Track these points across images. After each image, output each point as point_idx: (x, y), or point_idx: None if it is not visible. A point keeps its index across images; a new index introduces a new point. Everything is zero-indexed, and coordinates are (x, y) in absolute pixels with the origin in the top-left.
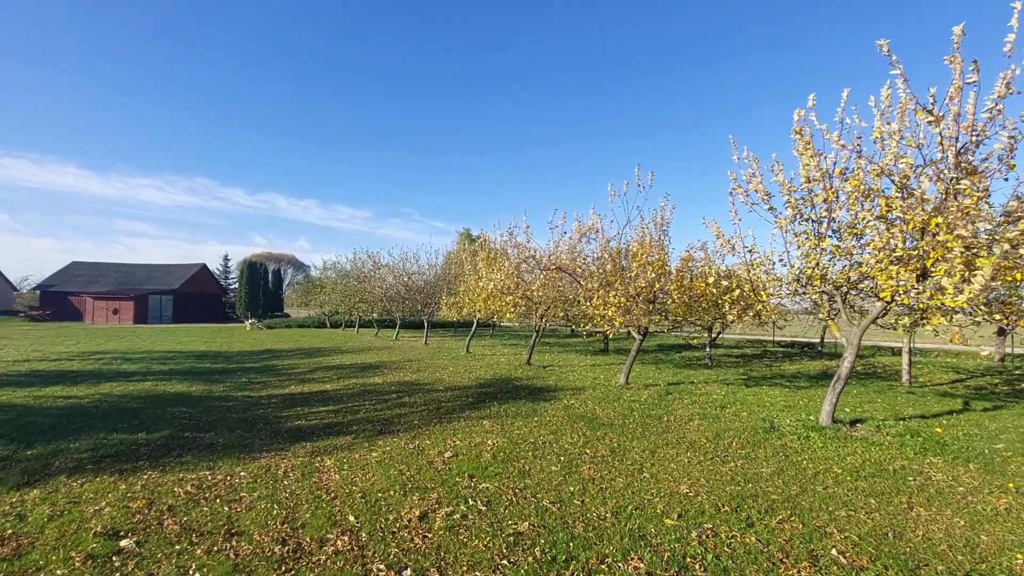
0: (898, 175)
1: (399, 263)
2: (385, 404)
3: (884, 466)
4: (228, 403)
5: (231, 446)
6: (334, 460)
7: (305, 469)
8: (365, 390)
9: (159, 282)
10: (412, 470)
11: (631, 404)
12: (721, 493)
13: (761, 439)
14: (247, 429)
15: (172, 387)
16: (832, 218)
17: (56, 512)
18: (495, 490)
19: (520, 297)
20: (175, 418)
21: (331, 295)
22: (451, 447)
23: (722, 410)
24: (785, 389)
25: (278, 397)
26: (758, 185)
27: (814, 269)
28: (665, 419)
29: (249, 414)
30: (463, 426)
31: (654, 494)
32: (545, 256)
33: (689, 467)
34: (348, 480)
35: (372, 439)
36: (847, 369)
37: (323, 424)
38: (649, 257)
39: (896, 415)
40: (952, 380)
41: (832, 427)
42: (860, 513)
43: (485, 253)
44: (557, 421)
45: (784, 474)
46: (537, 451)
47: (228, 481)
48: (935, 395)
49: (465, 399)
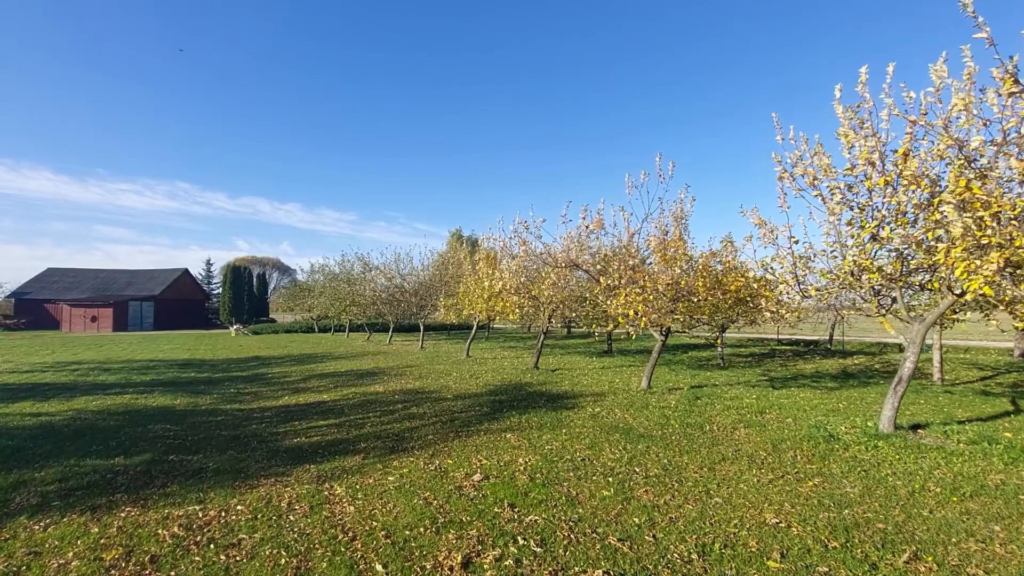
0: (985, 153)
1: (392, 264)
2: (392, 416)
3: (981, 481)
4: (216, 418)
5: (223, 471)
6: (345, 487)
7: (313, 499)
8: (367, 400)
9: (139, 288)
10: (439, 498)
11: (663, 411)
12: (815, 522)
13: (824, 450)
14: (240, 449)
15: (154, 400)
16: (891, 204)
17: (11, 570)
18: (545, 524)
19: (527, 297)
20: (158, 437)
21: (320, 298)
22: (478, 467)
23: (762, 416)
24: (815, 391)
25: (272, 410)
26: (807, 169)
27: (871, 260)
28: (707, 428)
29: (241, 430)
30: (485, 441)
31: (738, 525)
32: (560, 252)
33: (762, 488)
34: (366, 513)
35: (384, 459)
36: (909, 370)
37: (326, 441)
38: (670, 251)
39: (950, 418)
40: (982, 377)
41: (896, 434)
42: (995, 545)
43: (485, 252)
44: (589, 433)
45: (874, 494)
46: (579, 470)
47: (223, 518)
48: (974, 394)
49: (479, 409)
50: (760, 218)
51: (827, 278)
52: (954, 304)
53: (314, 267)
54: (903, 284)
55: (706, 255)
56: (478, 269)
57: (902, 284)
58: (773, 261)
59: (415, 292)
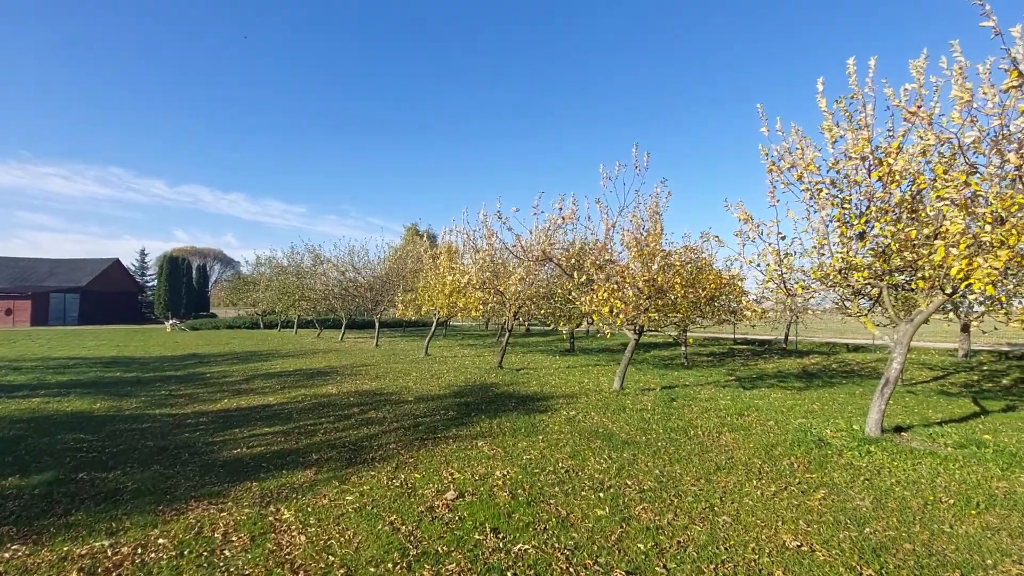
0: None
1: (346, 257)
2: (348, 422)
3: (988, 491)
4: (142, 425)
5: (145, 492)
6: (294, 510)
7: (255, 527)
8: (319, 403)
9: (64, 279)
10: (409, 523)
11: (641, 414)
12: (839, 544)
13: (819, 457)
14: (168, 463)
15: (68, 404)
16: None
17: None
18: (537, 554)
19: (493, 293)
20: (67, 450)
21: (266, 292)
22: (451, 482)
23: (742, 418)
24: (785, 391)
25: (208, 415)
26: (796, 161)
27: (860, 258)
28: (691, 433)
29: (170, 440)
30: (455, 450)
31: (756, 550)
32: (534, 244)
33: (768, 502)
34: (319, 544)
35: (341, 473)
36: (896, 371)
37: (271, 453)
38: (647, 247)
39: (926, 419)
40: (935, 377)
41: (884, 438)
42: None
43: (446, 246)
44: (568, 440)
45: (887, 508)
46: (564, 484)
47: (138, 557)
48: (936, 394)
49: (445, 412)
50: (746, 213)
51: (817, 276)
52: (944, 303)
53: (260, 259)
54: (889, 283)
55: (680, 250)
56: (439, 263)
57: (887, 283)
58: (760, 258)
59: (370, 287)
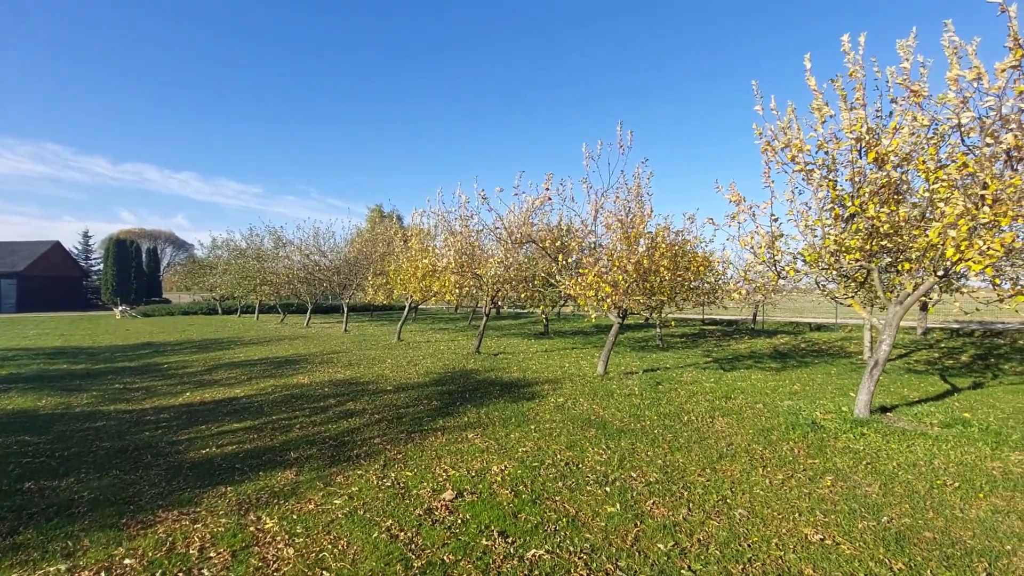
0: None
1: (310, 240)
2: (326, 415)
3: (984, 471)
4: (96, 423)
5: (105, 502)
6: (278, 518)
7: (235, 540)
8: (291, 395)
9: None
10: (408, 529)
11: (630, 400)
12: (860, 535)
13: (816, 441)
14: (129, 467)
15: (9, 402)
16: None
17: None
18: (554, 561)
19: (471, 276)
20: (9, 455)
21: (224, 276)
22: (446, 480)
23: (730, 401)
24: (763, 372)
25: (170, 410)
26: (790, 141)
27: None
28: (685, 418)
29: (129, 440)
30: (445, 443)
31: (778, 546)
32: (516, 226)
33: (779, 491)
34: (311, 558)
35: (325, 473)
36: (886, 353)
37: (245, 452)
38: (633, 230)
39: (904, 399)
40: (899, 355)
41: (873, 419)
42: None
43: (417, 228)
44: (562, 429)
45: (895, 493)
46: (567, 479)
47: None
48: (904, 372)
49: (428, 402)
50: (738, 194)
51: (811, 259)
52: (934, 285)
53: (216, 242)
54: (879, 265)
55: (662, 229)
56: (411, 246)
57: (878, 264)
58: (751, 239)
59: (337, 270)
